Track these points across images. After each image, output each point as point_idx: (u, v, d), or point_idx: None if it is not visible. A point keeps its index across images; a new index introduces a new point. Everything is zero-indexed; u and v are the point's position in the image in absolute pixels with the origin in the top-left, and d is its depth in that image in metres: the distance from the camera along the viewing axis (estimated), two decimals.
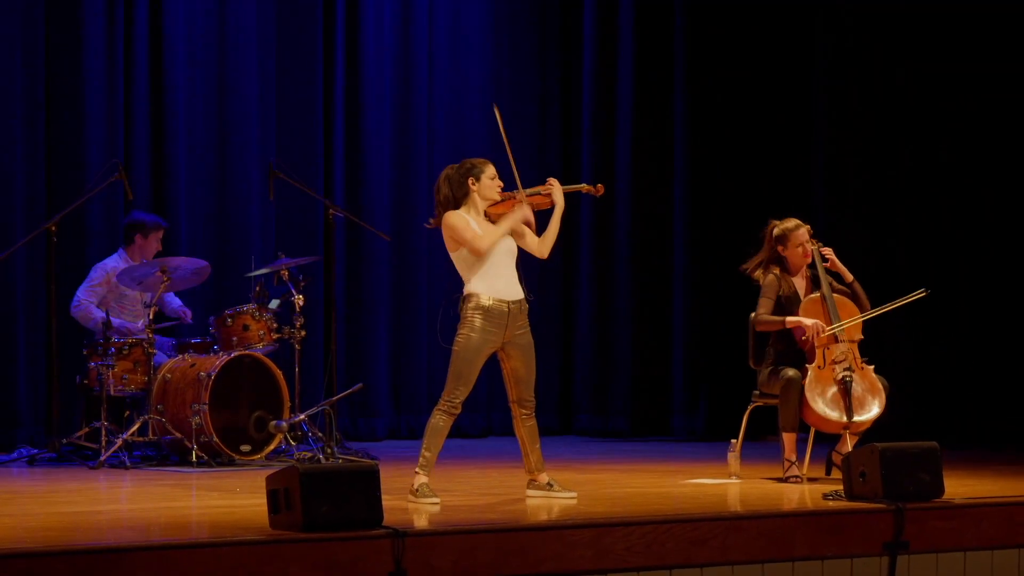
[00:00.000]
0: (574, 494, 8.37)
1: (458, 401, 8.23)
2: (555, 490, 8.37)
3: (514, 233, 8.37)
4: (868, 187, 12.90)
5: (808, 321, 9.30)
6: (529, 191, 8.45)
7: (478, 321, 8.20)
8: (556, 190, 8.44)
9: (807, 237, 9.50)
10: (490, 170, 8.34)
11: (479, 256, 8.23)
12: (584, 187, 8.74)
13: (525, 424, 8.39)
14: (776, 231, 9.54)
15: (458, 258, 8.31)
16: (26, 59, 11.64)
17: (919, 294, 9.43)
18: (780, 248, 9.51)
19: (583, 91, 13.63)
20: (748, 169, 13.20)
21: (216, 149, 12.45)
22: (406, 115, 13.16)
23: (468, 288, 8.28)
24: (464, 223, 8.23)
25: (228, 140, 12.48)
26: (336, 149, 12.89)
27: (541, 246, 8.44)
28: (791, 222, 9.54)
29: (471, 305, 8.24)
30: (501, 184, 8.36)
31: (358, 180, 12.95)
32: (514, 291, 8.31)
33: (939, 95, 12.89)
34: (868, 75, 12.92)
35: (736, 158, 13.24)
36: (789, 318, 9.37)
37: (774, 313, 9.44)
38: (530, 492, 8.41)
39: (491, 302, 8.22)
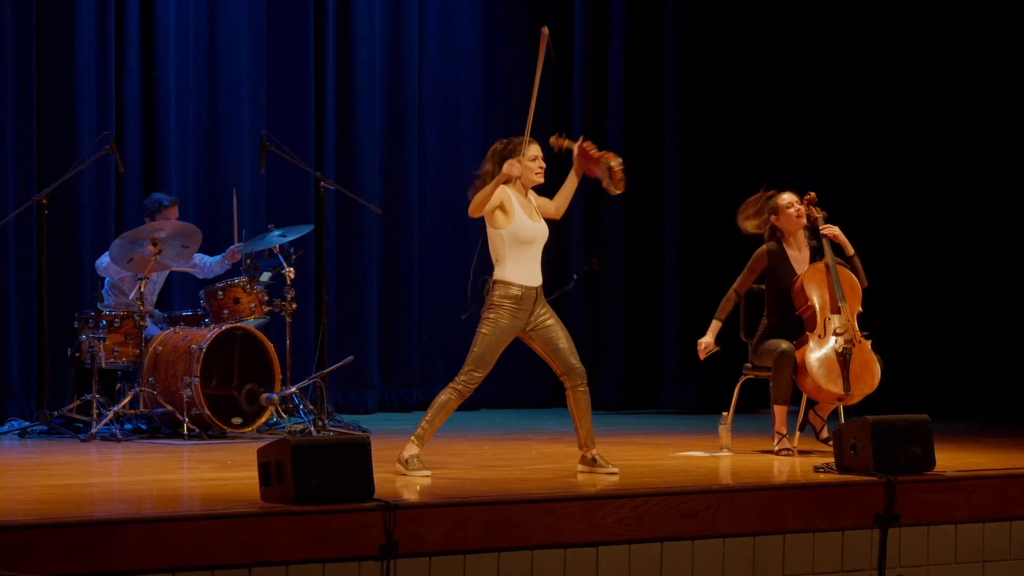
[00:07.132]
0: (616, 469, 8.21)
1: (474, 384, 8.10)
2: (599, 465, 8.22)
3: (542, 210, 8.21)
4: (859, 166, 12.89)
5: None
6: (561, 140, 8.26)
7: (507, 308, 8.06)
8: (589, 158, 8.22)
9: (796, 198, 9.44)
10: (532, 150, 8.14)
11: (473, 216, 8.05)
12: (613, 162, 8.18)
13: (577, 397, 8.20)
14: (770, 202, 9.49)
15: (493, 236, 8.13)
16: (17, 33, 11.57)
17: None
18: (774, 219, 9.47)
19: (574, 67, 13.58)
20: (739, 140, 13.20)
21: (207, 122, 12.41)
22: (397, 88, 13.12)
23: (499, 274, 8.11)
24: (483, 193, 8.00)
25: (219, 113, 12.44)
26: (327, 122, 12.85)
27: (558, 209, 8.30)
28: (781, 193, 9.50)
29: (500, 293, 8.07)
30: (543, 166, 8.16)
31: (349, 153, 12.92)
32: (538, 277, 8.17)
33: (932, 66, 12.91)
34: (859, 57, 12.92)
35: (728, 130, 13.23)
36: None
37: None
38: (580, 467, 8.29)
39: (521, 291, 8.09)
